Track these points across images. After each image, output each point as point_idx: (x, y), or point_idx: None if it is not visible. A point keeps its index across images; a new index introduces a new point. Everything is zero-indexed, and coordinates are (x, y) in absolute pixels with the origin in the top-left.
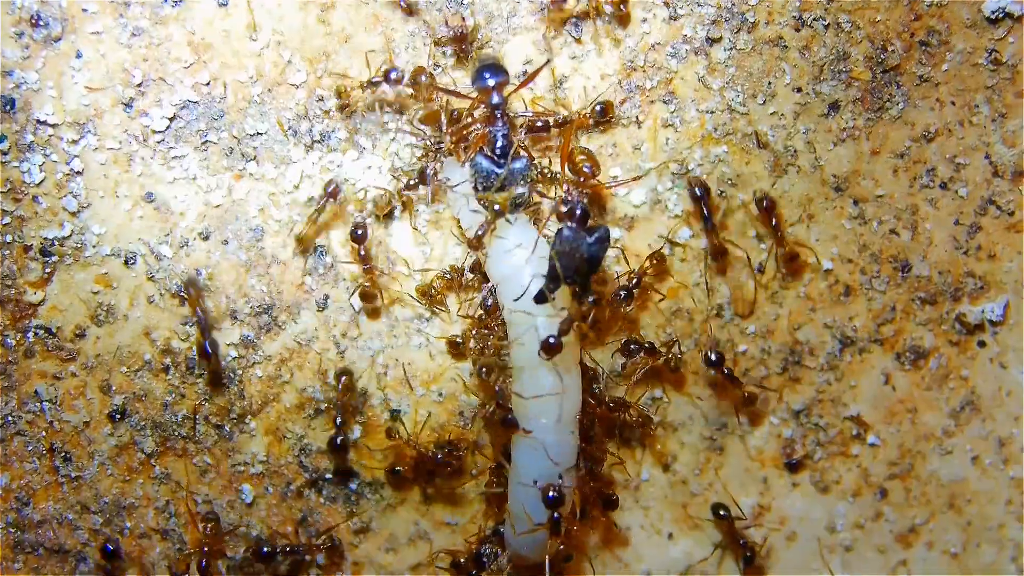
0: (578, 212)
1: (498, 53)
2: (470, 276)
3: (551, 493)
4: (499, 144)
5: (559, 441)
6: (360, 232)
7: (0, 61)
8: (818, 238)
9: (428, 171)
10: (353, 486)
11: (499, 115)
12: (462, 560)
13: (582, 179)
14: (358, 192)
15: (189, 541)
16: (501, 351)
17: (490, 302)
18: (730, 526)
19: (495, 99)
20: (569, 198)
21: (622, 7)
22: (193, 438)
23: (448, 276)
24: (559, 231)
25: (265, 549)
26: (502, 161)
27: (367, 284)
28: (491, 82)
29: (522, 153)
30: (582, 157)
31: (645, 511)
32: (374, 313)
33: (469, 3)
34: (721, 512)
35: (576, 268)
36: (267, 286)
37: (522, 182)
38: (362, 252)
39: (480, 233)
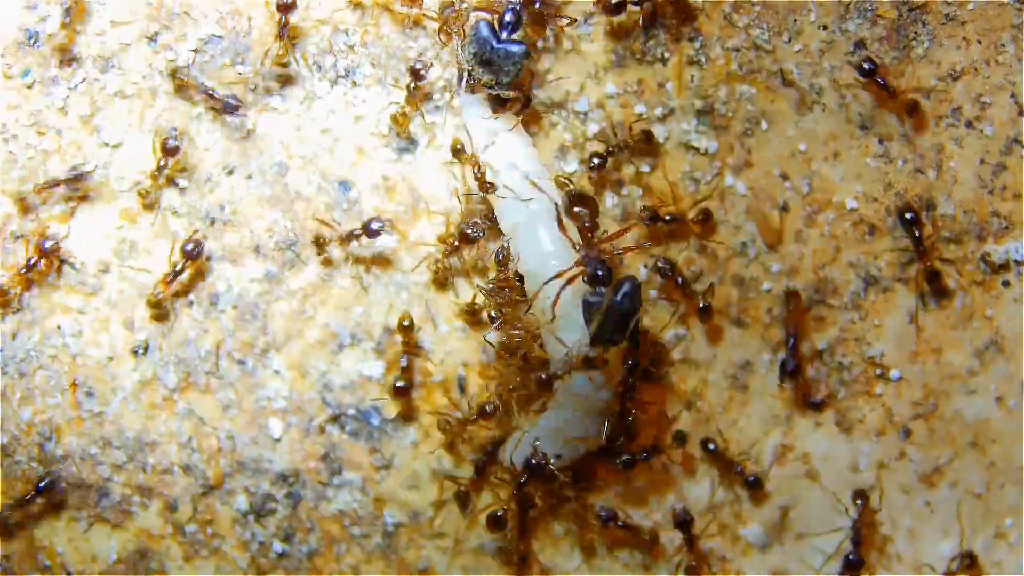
0: (600, 274)
1: None
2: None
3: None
4: (508, 18)
5: None
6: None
7: None
8: (843, 177)
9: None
10: (376, 422)
11: None
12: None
13: (587, 230)
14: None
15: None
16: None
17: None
18: (722, 459)
19: None
20: (589, 258)
21: None
22: (216, 373)
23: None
24: (585, 300)
25: None
26: (503, 36)
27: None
28: None
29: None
30: (577, 208)
31: (668, 448)
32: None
33: None
34: (710, 446)
35: (616, 328)
36: (291, 221)
37: (511, 69)
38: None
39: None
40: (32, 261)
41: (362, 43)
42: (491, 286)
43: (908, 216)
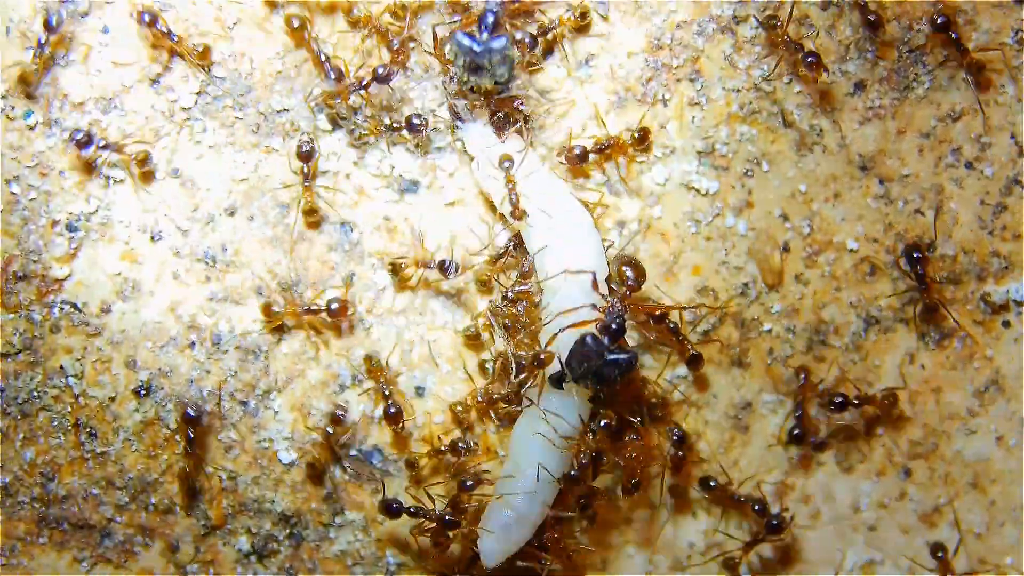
0: (614, 328)
1: None
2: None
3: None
4: (487, 20)
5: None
6: (306, 148)
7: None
8: (844, 217)
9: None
10: (377, 462)
11: None
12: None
13: (627, 290)
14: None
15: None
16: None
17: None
18: (722, 494)
19: None
20: (612, 311)
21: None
22: (218, 414)
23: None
24: (583, 335)
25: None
26: (483, 37)
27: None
28: None
29: (502, 32)
30: (626, 268)
31: (669, 488)
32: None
33: None
34: (711, 483)
35: (584, 375)
36: (293, 262)
37: (500, 62)
38: (306, 169)
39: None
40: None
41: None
42: (510, 295)
43: (915, 255)
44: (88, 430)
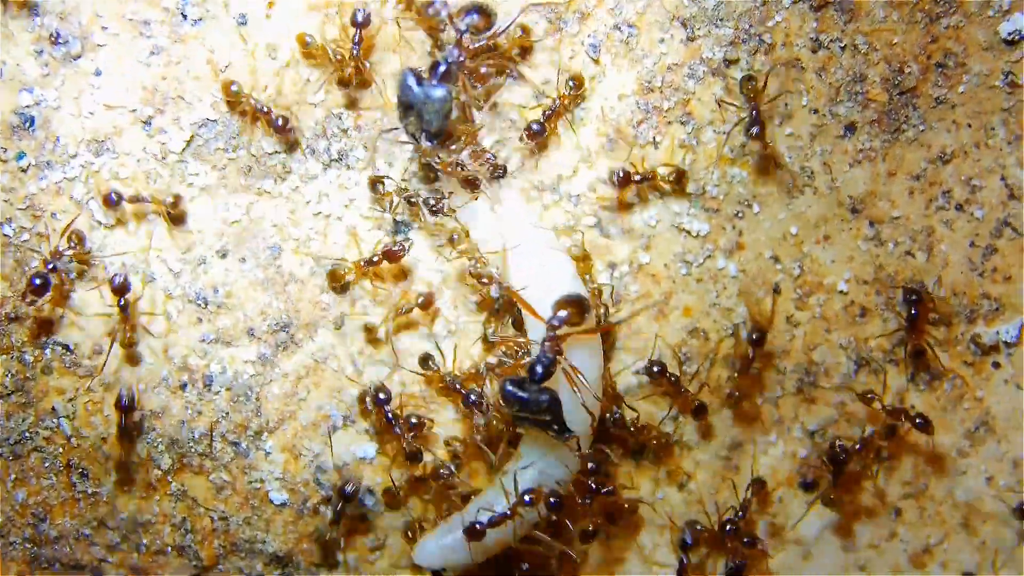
0: (538, 371)
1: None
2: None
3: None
4: (439, 69)
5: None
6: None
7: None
8: (834, 259)
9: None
10: (370, 503)
11: (457, 43)
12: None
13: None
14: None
15: None
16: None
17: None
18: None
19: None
20: (541, 353)
21: None
22: (210, 455)
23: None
24: (502, 386)
25: None
26: (432, 81)
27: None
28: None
29: (450, 83)
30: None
31: (660, 530)
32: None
33: None
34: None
35: (538, 415)
36: (284, 304)
37: (435, 112)
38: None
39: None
40: None
41: (355, 127)
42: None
43: (914, 298)
44: (80, 471)
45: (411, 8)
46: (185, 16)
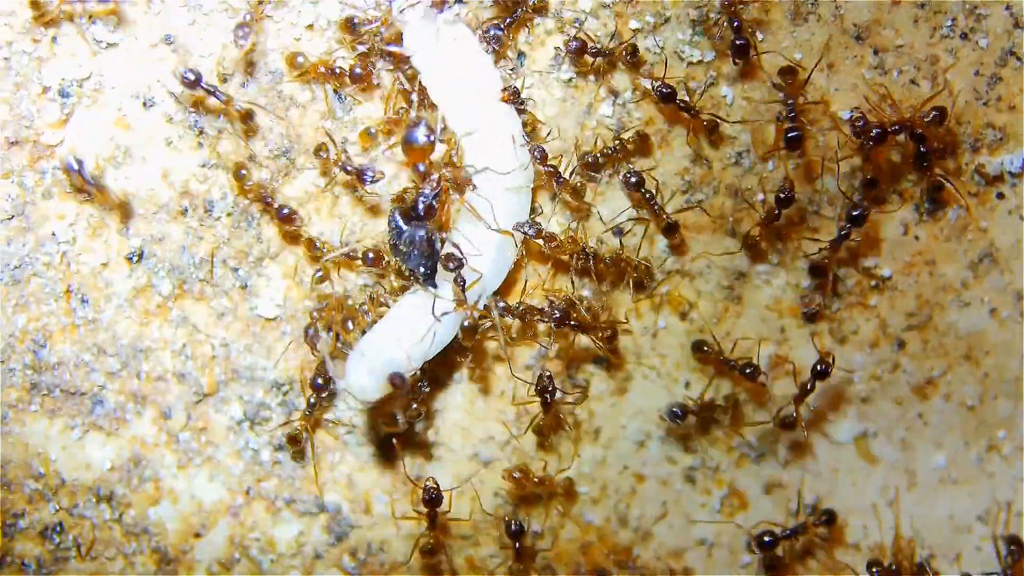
0: (420, 207)
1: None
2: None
3: None
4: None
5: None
6: None
7: None
8: (837, 88)
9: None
10: None
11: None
12: None
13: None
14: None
15: None
16: None
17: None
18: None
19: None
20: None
21: None
22: (211, 281)
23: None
24: (392, 212)
25: None
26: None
27: None
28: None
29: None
30: None
31: (662, 358)
32: None
33: None
34: (704, 348)
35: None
36: (285, 129)
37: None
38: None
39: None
40: None
41: None
42: None
43: (918, 132)
44: (80, 296)
45: None
46: None
